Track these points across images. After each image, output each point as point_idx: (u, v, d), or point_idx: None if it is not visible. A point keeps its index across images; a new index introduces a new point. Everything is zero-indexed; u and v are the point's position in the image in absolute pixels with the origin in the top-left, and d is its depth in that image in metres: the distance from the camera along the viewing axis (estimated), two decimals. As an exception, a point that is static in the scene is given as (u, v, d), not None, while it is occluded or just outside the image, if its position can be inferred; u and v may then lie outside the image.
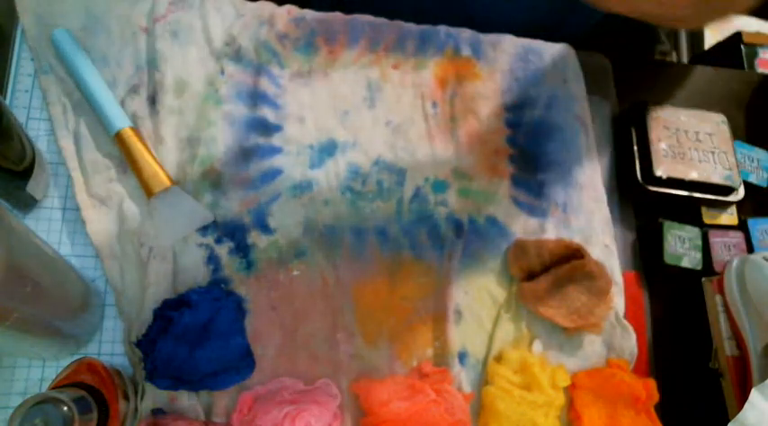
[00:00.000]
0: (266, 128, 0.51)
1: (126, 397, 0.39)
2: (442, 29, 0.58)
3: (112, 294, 0.44)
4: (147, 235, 0.45)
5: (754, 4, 0.32)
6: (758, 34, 0.76)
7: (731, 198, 0.57)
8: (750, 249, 0.56)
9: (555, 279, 0.50)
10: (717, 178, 0.56)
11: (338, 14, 0.56)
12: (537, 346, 0.50)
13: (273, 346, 0.45)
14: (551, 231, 0.54)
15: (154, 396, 0.42)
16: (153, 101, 0.49)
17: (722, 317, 0.52)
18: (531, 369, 0.48)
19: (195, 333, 0.42)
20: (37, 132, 0.47)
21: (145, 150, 0.46)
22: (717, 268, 0.55)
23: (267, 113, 0.51)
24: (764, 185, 0.61)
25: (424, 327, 0.49)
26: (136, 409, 0.41)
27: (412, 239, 0.51)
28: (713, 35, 0.91)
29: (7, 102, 0.47)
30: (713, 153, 0.57)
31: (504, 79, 0.58)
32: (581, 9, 0.53)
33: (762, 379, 0.47)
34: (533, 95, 0.58)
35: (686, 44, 0.93)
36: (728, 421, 0.41)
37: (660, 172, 0.56)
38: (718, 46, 0.82)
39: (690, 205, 0.57)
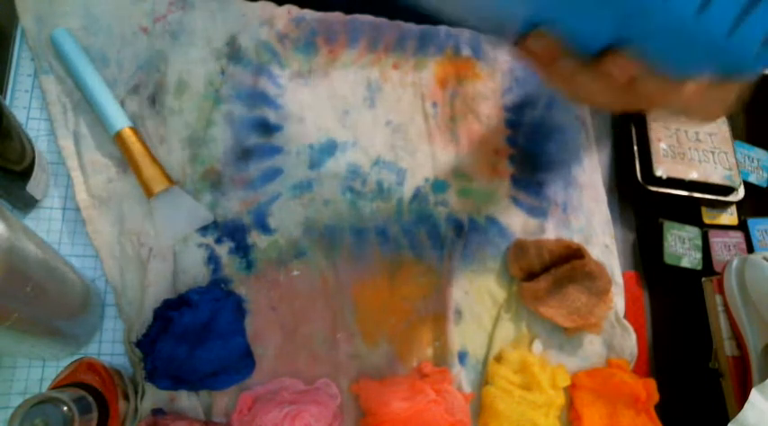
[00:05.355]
0: (266, 128, 0.51)
1: (126, 397, 0.39)
2: (442, 29, 0.58)
3: (112, 294, 0.44)
4: (147, 235, 0.45)
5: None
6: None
7: (731, 198, 0.57)
8: (750, 249, 0.56)
9: (555, 279, 0.50)
10: (717, 178, 0.56)
11: (338, 14, 0.56)
12: (537, 346, 0.50)
13: (273, 346, 0.45)
14: (551, 231, 0.54)
15: (154, 396, 0.42)
16: (153, 101, 0.49)
17: (722, 317, 0.52)
18: (531, 369, 0.48)
19: (195, 333, 0.42)
20: (37, 132, 0.47)
21: (145, 150, 0.46)
22: (717, 268, 0.55)
23: (267, 113, 0.51)
24: (764, 185, 0.61)
25: (424, 327, 0.49)
26: (136, 409, 0.41)
27: (412, 239, 0.51)
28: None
29: (7, 102, 0.47)
30: (713, 153, 0.57)
31: (504, 79, 0.58)
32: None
33: (762, 379, 0.47)
34: (533, 95, 0.58)
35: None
36: (728, 421, 0.41)
37: (660, 172, 0.56)
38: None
39: (690, 205, 0.57)
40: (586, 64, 0.31)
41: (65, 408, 0.30)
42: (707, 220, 0.57)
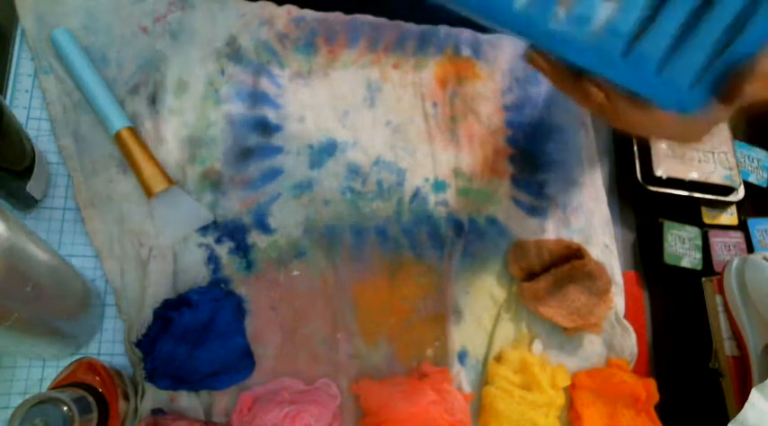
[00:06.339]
0: (266, 128, 0.51)
1: (126, 397, 0.39)
2: (442, 29, 0.58)
3: (112, 294, 0.44)
4: (147, 235, 0.45)
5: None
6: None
7: (731, 198, 0.57)
8: (750, 249, 0.56)
9: (555, 279, 0.50)
10: (717, 178, 0.56)
11: (338, 14, 0.56)
12: (537, 346, 0.50)
13: (273, 346, 0.45)
14: (551, 231, 0.54)
15: (154, 396, 0.42)
16: (153, 101, 0.49)
17: (722, 317, 0.52)
18: (531, 369, 0.48)
19: (195, 333, 0.42)
20: (37, 132, 0.47)
21: (145, 150, 0.46)
22: (717, 268, 0.55)
23: (267, 113, 0.51)
24: (764, 185, 0.61)
25: (424, 327, 0.49)
26: (136, 409, 0.41)
27: (412, 239, 0.51)
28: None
29: (7, 102, 0.47)
30: (713, 153, 0.57)
31: (504, 79, 0.58)
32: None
33: (762, 379, 0.47)
34: (533, 95, 0.58)
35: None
36: (728, 421, 0.41)
37: (660, 172, 0.55)
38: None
39: (690, 205, 0.57)
40: (574, 81, 0.36)
41: (65, 408, 0.30)
42: (707, 220, 0.57)
